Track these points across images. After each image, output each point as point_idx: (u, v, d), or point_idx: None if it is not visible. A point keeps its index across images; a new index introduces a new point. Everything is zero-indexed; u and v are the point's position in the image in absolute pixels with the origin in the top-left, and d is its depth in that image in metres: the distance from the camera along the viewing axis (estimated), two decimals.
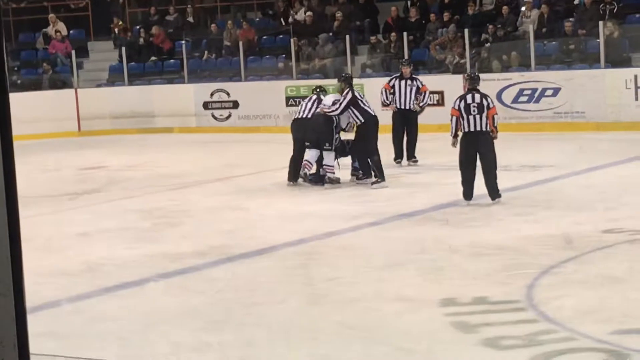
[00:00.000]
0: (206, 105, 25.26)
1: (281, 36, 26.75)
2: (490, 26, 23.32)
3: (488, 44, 23.16)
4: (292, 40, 25.15)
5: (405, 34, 23.37)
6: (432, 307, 8.62)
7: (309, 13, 26.42)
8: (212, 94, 25.20)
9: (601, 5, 22.64)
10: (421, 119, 17.80)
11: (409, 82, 17.25)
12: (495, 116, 13.10)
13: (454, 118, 13.02)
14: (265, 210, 13.81)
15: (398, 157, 17.17)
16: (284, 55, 25.67)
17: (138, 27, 28.92)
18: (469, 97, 13.02)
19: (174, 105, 25.57)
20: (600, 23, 21.29)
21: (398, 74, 17.60)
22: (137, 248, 11.73)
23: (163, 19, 28.58)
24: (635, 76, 20.27)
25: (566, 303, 8.56)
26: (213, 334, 8.23)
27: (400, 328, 8.16)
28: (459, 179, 12.81)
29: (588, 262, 10.00)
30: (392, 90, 17.25)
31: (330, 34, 25.74)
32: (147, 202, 15.06)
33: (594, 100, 20.59)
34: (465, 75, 13.68)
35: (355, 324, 8.34)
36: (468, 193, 13.05)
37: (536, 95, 21.34)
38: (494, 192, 13.03)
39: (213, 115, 25.19)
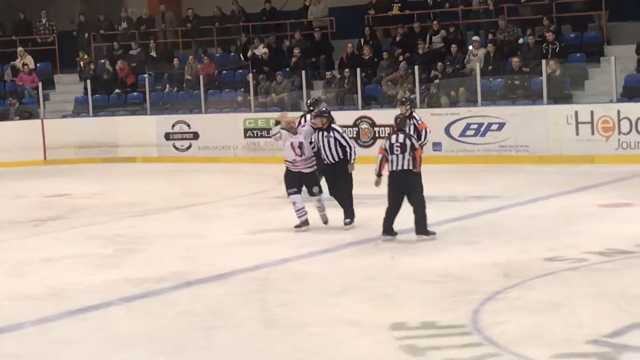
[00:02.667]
0: (167, 136, 25.21)
1: (240, 71, 26.78)
2: (439, 63, 23.47)
3: (437, 81, 23.30)
4: (250, 74, 25.18)
5: (358, 70, 23.46)
6: (382, 331, 8.63)
7: (265, 50, 26.47)
8: (173, 126, 25.17)
9: (544, 45, 22.87)
10: (372, 151, 17.75)
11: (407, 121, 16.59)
12: (419, 157, 12.75)
13: (380, 156, 12.85)
14: (222, 237, 13.77)
15: None
16: (242, 89, 25.69)
17: (102, 60, 28.85)
18: (393, 137, 12.84)
19: (137, 136, 25.50)
20: (543, 62, 21.48)
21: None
22: (100, 273, 11.67)
23: (127, 53, 28.52)
24: (576, 112, 20.44)
25: (510, 328, 8.60)
26: (173, 356, 8.19)
27: (352, 352, 8.16)
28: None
29: (531, 288, 10.05)
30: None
31: (287, 69, 25.81)
32: (109, 229, 14.97)
33: (537, 134, 20.74)
34: (396, 117, 13.18)
35: (308, 348, 8.33)
36: (387, 229, 12.81)
37: (482, 129, 21.47)
38: (421, 229, 12.75)
39: (174, 146, 25.14)
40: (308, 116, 15.72)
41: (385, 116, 21.84)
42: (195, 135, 24.82)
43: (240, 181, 13.88)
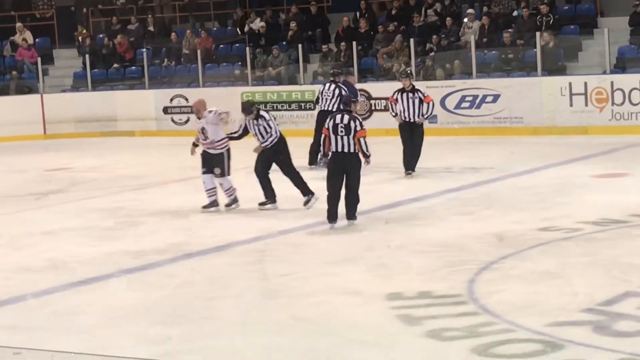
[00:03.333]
0: (166, 110, 25.16)
1: (237, 45, 26.69)
2: (435, 36, 23.41)
3: (432, 53, 23.25)
4: (247, 48, 25.11)
5: (354, 43, 23.39)
6: (379, 301, 8.65)
7: (261, 24, 26.38)
8: (171, 100, 25.11)
9: (538, 17, 22.82)
10: (369, 124, 17.78)
11: (410, 94, 16.04)
12: (362, 139, 11.88)
13: (323, 137, 12.22)
14: (221, 209, 13.77)
15: (408, 168, 15.89)
16: (239, 63, 25.61)
17: (101, 35, 28.75)
18: (337, 117, 12.09)
19: (136, 110, 25.45)
20: (537, 34, 21.44)
21: (401, 87, 16.29)
22: (100, 246, 11.67)
23: (125, 28, 28.42)
24: (570, 84, 20.42)
25: (505, 297, 8.62)
26: (173, 326, 8.20)
27: (349, 320, 8.18)
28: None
29: (525, 258, 10.06)
30: (396, 103, 16.20)
31: (284, 43, 25.73)
32: (109, 202, 14.97)
33: (532, 106, 20.73)
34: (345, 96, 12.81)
35: (307, 317, 8.34)
36: (332, 214, 12.05)
37: (477, 101, 21.45)
38: (350, 213, 12.10)
39: (172, 120, 25.09)
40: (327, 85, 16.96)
41: (381, 89, 21.81)
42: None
43: (238, 154, 13.87)
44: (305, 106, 22.98)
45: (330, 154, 12.10)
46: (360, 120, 12.23)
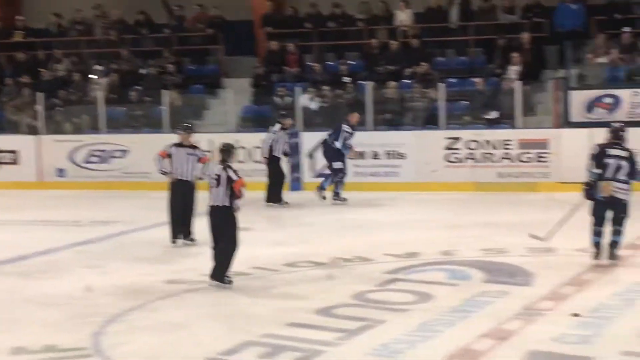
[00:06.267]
0: None
1: None
2: (62, 91, 23.08)
3: (61, 108, 22.88)
4: None
5: None
6: (2, 356, 8.31)
7: None
8: None
9: (165, 76, 23.10)
10: None
11: (189, 150, 14.06)
12: (243, 188, 10.99)
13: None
14: None
15: (175, 236, 13.93)
16: None
17: None
18: (217, 169, 11.11)
19: None
20: (164, 92, 21.65)
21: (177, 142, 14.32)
22: None
23: None
24: (196, 141, 20.69)
25: (131, 348, 8.55)
26: None
27: None
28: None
29: (153, 310, 10.04)
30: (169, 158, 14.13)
31: None
32: None
33: None
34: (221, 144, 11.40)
35: None
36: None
37: (106, 156, 21.33)
38: (218, 274, 10.93)
39: None
40: None
41: (9, 142, 21.25)
42: None
43: None
44: None
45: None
46: (233, 170, 11.03)
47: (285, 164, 18.89)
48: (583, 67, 20.13)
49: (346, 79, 21.80)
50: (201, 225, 12.23)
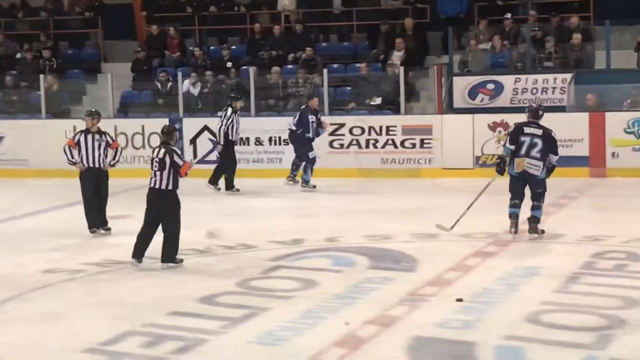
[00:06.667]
0: None
1: None
2: None
3: None
4: None
5: None
6: None
7: None
8: None
9: (41, 61, 22.65)
10: None
11: (97, 136, 13.55)
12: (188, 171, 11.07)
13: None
14: None
15: (93, 225, 13.47)
16: None
17: None
18: (155, 151, 11.08)
19: None
20: (41, 77, 21.21)
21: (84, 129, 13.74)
22: None
23: None
24: (74, 127, 20.23)
25: (6, 340, 8.34)
26: None
27: None
28: None
29: (28, 300, 9.81)
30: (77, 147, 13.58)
31: None
32: None
33: (37, 148, 20.41)
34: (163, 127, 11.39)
35: None
36: (138, 253, 11.14)
37: None
38: (168, 257, 11.03)
39: None
40: None
41: None
42: None
43: None
44: None
45: None
46: (179, 154, 11.15)
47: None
48: (466, 53, 20.35)
49: (228, 64, 21.65)
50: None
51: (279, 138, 19.45)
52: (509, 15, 20.86)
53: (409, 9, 22.30)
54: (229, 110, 17.59)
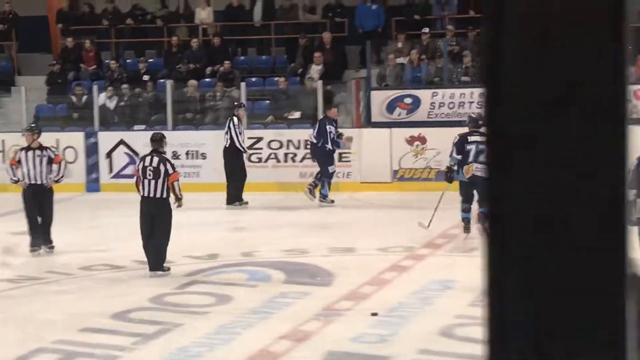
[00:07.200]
0: None
1: None
2: None
3: None
4: None
5: None
6: None
7: None
8: None
9: None
10: None
11: (37, 152, 13.17)
12: (176, 182, 11.28)
13: (135, 178, 11.45)
14: None
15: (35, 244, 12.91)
16: None
17: None
18: (147, 160, 11.27)
19: None
20: None
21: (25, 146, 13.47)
22: None
23: None
24: None
25: None
26: None
27: None
28: None
29: None
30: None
31: None
32: None
33: None
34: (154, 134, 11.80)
35: None
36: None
37: None
38: (156, 264, 11.21)
39: None
40: None
41: None
42: None
43: None
44: None
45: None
46: (171, 163, 11.41)
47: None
48: (384, 67, 20.52)
49: (145, 78, 21.56)
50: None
51: (197, 152, 19.41)
52: (426, 29, 21.09)
53: (328, 23, 22.43)
54: (235, 119, 17.54)
